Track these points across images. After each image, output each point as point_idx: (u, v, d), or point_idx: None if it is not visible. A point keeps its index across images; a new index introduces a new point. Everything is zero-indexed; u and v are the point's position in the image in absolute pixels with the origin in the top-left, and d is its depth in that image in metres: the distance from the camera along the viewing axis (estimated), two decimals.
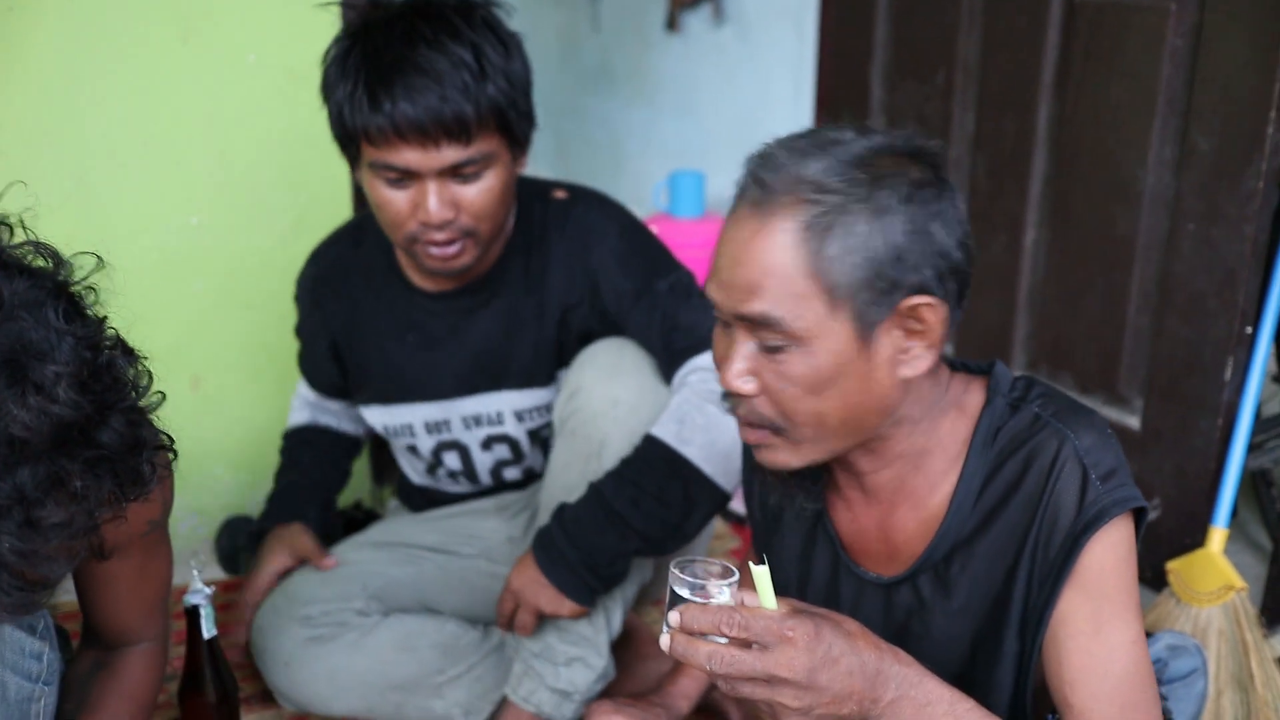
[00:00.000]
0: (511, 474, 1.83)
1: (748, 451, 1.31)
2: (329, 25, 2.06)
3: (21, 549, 0.85)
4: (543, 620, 1.59)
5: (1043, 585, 1.05)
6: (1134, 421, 2.01)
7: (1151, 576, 1.93)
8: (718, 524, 2.37)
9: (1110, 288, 2.03)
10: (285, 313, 2.07)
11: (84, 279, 0.95)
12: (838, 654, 0.95)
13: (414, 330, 1.72)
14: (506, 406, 1.73)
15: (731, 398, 1.07)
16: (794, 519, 1.24)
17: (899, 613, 1.15)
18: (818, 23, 2.81)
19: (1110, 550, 1.02)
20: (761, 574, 0.96)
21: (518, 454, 1.79)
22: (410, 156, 1.47)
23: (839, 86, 2.63)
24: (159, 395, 0.97)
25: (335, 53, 1.52)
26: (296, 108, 2.08)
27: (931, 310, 1.01)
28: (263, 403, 2.23)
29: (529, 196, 1.68)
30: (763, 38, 3.25)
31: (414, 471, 1.91)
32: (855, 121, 1.07)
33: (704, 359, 1.57)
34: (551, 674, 1.60)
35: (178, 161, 2.04)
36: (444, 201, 1.50)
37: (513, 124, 1.52)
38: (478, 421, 1.75)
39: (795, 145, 1.03)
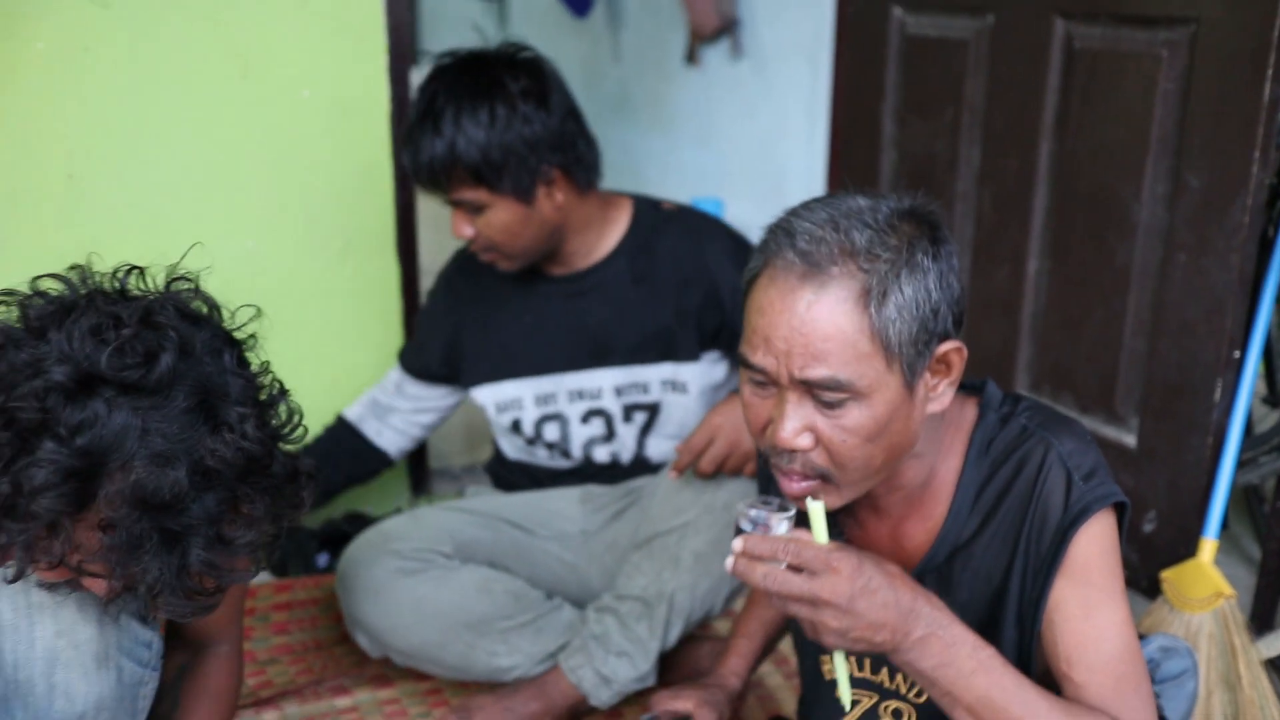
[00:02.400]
0: (600, 454, 2.00)
1: (764, 470, 1.43)
2: (375, 64, 2.21)
3: (209, 559, 0.99)
4: (612, 611, 1.76)
5: (1036, 577, 1.17)
6: (1130, 440, 2.12)
7: (1147, 585, 2.03)
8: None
9: (1107, 314, 2.12)
10: (334, 331, 2.20)
11: (244, 326, 1.11)
12: (876, 586, 1.07)
13: (531, 311, 1.96)
14: (607, 383, 1.96)
15: (785, 454, 1.15)
16: None
17: None
18: (832, 61, 2.94)
19: (1095, 541, 1.14)
20: (816, 509, 1.09)
21: (610, 431, 1.97)
22: (432, 192, 1.84)
23: (852, 122, 2.73)
24: (305, 429, 1.11)
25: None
26: (345, 139, 2.22)
27: (958, 353, 1.14)
28: (311, 418, 2.34)
29: (643, 208, 1.98)
30: (779, 73, 3.38)
31: (511, 446, 2.08)
32: (860, 187, 1.17)
33: None
34: (601, 658, 1.74)
35: (236, 188, 2.16)
36: (462, 223, 1.84)
37: (490, 181, 1.77)
38: (580, 395, 1.97)
39: (825, 217, 1.11)
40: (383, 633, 1.82)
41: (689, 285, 1.91)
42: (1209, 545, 1.92)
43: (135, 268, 1.10)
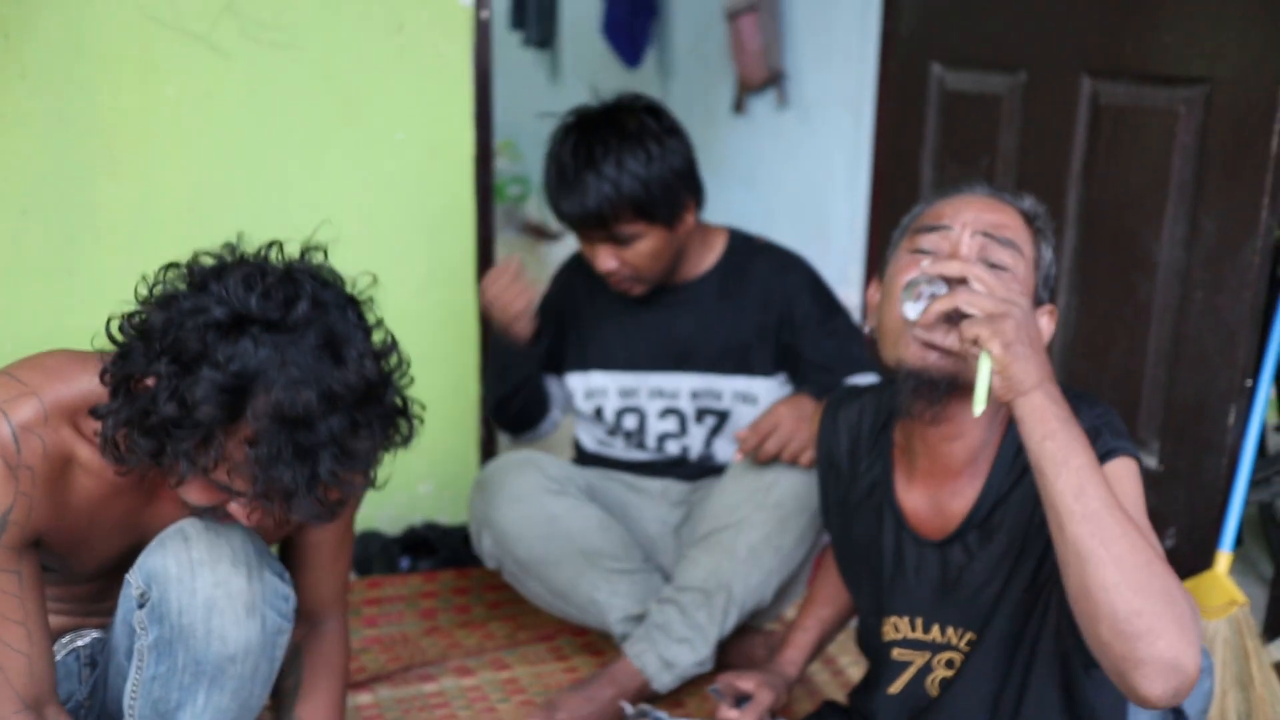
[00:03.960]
0: (672, 447, 2.20)
1: (824, 443, 1.62)
2: (462, 110, 2.43)
3: (334, 471, 1.19)
4: (672, 602, 1.95)
5: None
6: (1152, 462, 2.25)
7: None
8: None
9: (1131, 346, 2.25)
10: (417, 355, 2.39)
11: (364, 290, 1.31)
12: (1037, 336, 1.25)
13: (629, 316, 2.17)
14: (685, 386, 2.17)
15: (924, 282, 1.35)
16: (863, 506, 1.55)
17: (953, 569, 1.45)
18: (874, 112, 3.13)
19: (1115, 483, 1.25)
20: (984, 365, 1.23)
21: (683, 428, 2.18)
22: (583, 234, 2.04)
23: (893, 169, 2.92)
24: (411, 378, 1.31)
25: (551, 146, 2.04)
26: (433, 178, 2.43)
27: (1053, 317, 1.39)
28: None
29: (738, 237, 2.21)
30: (823, 121, 3.57)
31: (590, 438, 2.28)
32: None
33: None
34: (664, 645, 1.92)
35: (336, 219, 2.36)
36: (608, 256, 2.03)
37: (649, 212, 1.98)
38: (660, 394, 2.18)
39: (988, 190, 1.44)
40: (511, 539, 2.03)
41: (769, 306, 2.12)
42: (1224, 557, 2.06)
43: (275, 242, 1.29)
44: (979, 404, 1.24)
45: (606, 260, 2.03)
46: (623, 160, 1.95)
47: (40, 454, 1.27)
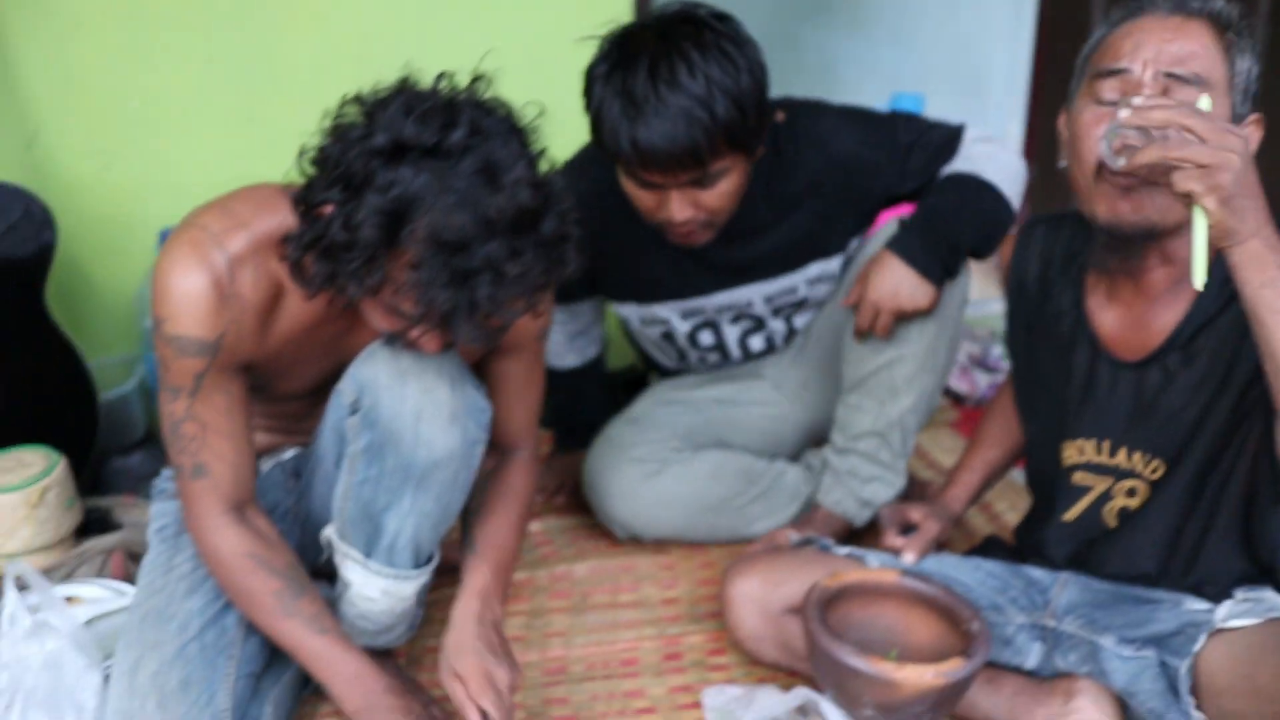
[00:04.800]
0: (756, 342, 2.13)
1: (1015, 267, 1.61)
2: None
3: (491, 295, 1.22)
4: (851, 451, 1.97)
5: None
6: None
7: None
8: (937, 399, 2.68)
9: None
10: None
11: (531, 121, 1.31)
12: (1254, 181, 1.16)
13: (673, 243, 1.89)
14: (756, 295, 2.03)
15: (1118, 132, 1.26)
16: (1053, 328, 1.54)
17: (1148, 392, 1.44)
18: None
19: None
20: (1200, 219, 1.15)
21: (762, 325, 2.10)
22: (658, 177, 1.70)
23: (1061, 14, 2.83)
24: (574, 207, 1.33)
25: (598, 72, 1.70)
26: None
27: (1258, 126, 1.34)
28: None
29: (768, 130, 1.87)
30: None
31: (666, 359, 2.21)
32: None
33: (966, 138, 1.90)
34: (859, 487, 1.98)
35: (501, 55, 2.39)
36: (685, 204, 1.73)
37: (742, 139, 1.69)
38: (730, 308, 2.05)
39: None
40: (635, 527, 2.06)
41: (829, 190, 1.89)
42: None
43: (444, 73, 1.31)
44: (1199, 275, 1.16)
45: (682, 209, 1.73)
46: (711, 78, 1.62)
47: (251, 283, 1.35)
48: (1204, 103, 1.20)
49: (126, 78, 2.22)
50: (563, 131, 2.61)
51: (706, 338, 2.11)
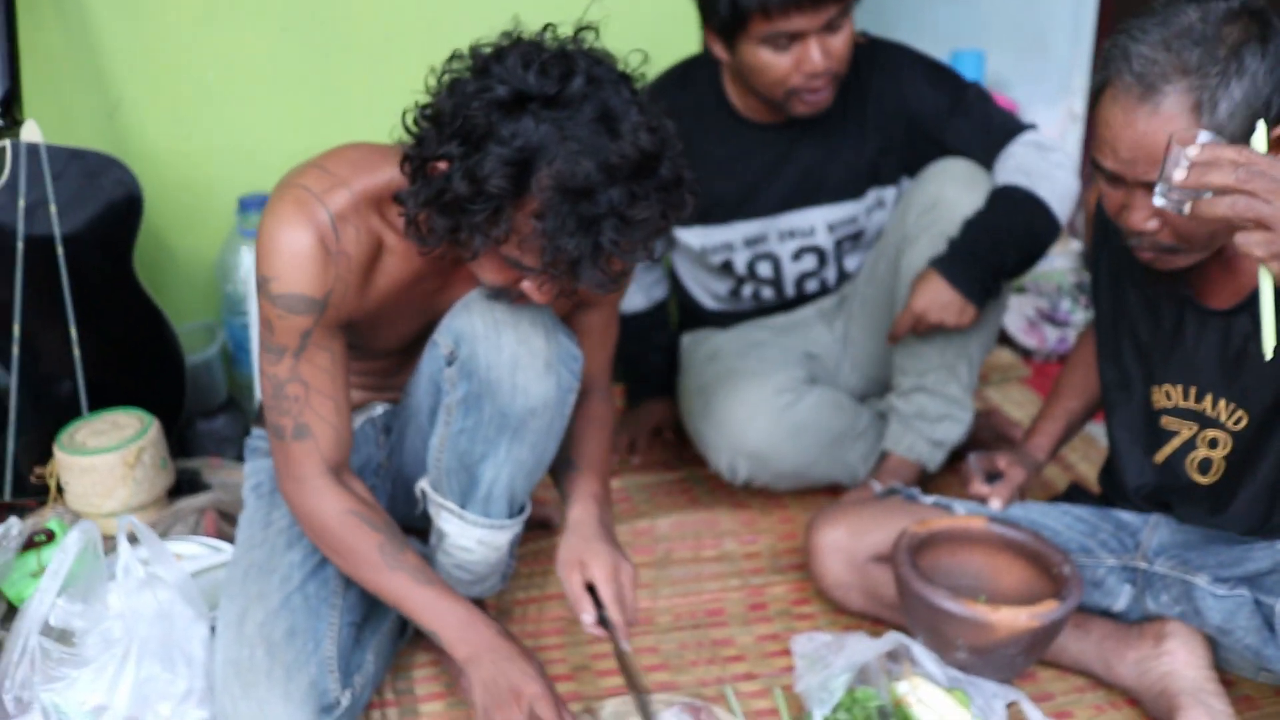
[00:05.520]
0: (812, 285, 2.15)
1: (1100, 222, 1.61)
2: None
3: (615, 240, 1.24)
4: (917, 389, 1.98)
5: None
6: None
7: None
8: (1007, 355, 2.69)
9: None
10: None
11: (637, 69, 1.33)
12: None
13: (742, 158, 2.01)
14: (820, 220, 2.06)
15: (1135, 235, 1.36)
16: (1139, 273, 1.53)
17: (1236, 339, 1.43)
18: None
19: None
20: (1266, 283, 1.12)
21: (822, 263, 2.11)
22: (799, 21, 1.79)
23: None
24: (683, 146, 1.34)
25: None
26: None
27: None
28: None
29: None
30: None
31: (713, 297, 2.20)
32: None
33: (1024, 137, 1.93)
34: (928, 428, 1.98)
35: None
36: (824, 53, 1.83)
37: None
38: (792, 234, 2.07)
39: (1158, 39, 1.26)
40: (770, 459, 1.98)
41: (894, 117, 1.99)
42: None
43: (549, 25, 1.33)
44: (1268, 343, 1.12)
45: (822, 55, 1.82)
46: None
47: (354, 240, 1.37)
48: (1259, 140, 1.15)
49: (203, 48, 2.24)
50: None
51: (765, 268, 2.11)
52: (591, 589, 1.46)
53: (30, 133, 1.94)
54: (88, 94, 2.20)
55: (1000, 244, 1.86)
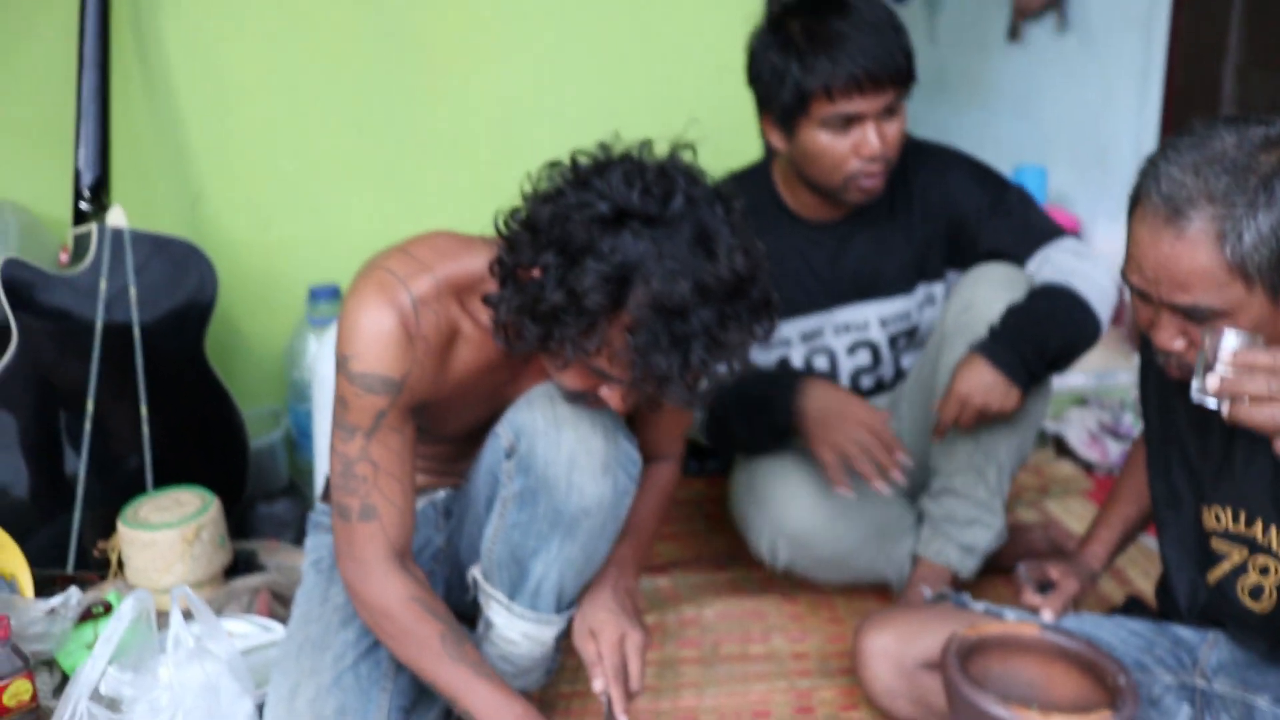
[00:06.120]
0: (867, 382, 2.14)
1: (1146, 337, 1.60)
2: None
3: (704, 359, 1.27)
4: (946, 492, 1.96)
5: None
6: None
7: None
8: (1068, 468, 2.65)
9: None
10: None
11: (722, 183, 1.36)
12: None
13: (798, 255, 2.04)
14: (873, 315, 2.08)
15: (1163, 354, 1.36)
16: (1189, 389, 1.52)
17: None
18: (1169, 26, 3.00)
19: None
20: None
21: (876, 359, 2.11)
22: (860, 103, 1.83)
23: (1188, 84, 2.81)
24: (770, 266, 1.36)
25: (767, 40, 1.88)
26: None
27: None
28: None
29: None
30: (1107, 44, 3.44)
31: None
32: (1210, 117, 1.31)
33: (1062, 242, 1.95)
34: (957, 533, 1.96)
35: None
36: (881, 138, 1.86)
37: (911, 72, 1.87)
38: (847, 329, 2.08)
39: (1189, 162, 1.25)
40: (810, 542, 1.97)
41: (938, 214, 2.02)
42: None
43: (646, 141, 1.36)
44: None
45: (882, 144, 1.86)
46: (877, 9, 1.83)
47: (434, 325, 1.40)
48: None
49: (283, 144, 2.34)
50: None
51: (821, 362, 2.11)
52: None
53: (116, 218, 2.03)
54: (172, 182, 2.30)
55: (1041, 328, 1.85)
